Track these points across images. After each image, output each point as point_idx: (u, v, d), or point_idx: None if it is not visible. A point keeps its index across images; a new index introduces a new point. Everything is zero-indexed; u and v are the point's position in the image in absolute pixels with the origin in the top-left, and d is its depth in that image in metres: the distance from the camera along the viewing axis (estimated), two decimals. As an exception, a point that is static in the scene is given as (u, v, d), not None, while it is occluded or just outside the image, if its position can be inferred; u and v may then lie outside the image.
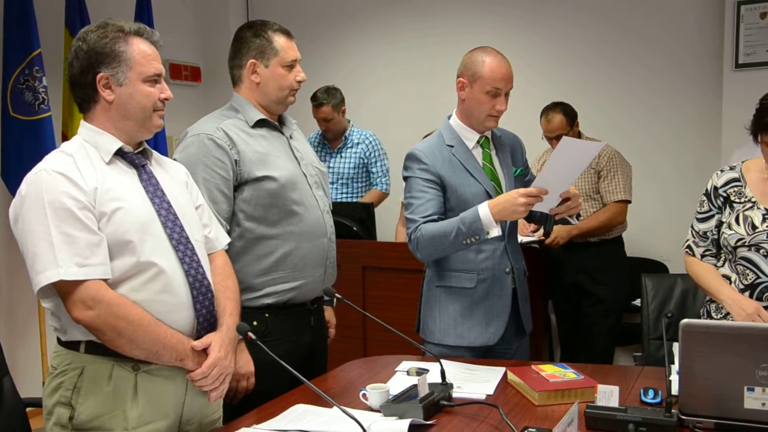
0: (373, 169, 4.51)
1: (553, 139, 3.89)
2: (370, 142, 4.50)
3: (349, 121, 4.53)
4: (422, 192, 2.42)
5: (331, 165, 4.46)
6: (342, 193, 4.46)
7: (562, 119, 3.88)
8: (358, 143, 4.49)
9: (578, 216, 2.54)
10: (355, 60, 5.29)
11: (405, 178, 2.49)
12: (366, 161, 4.49)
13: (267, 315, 2.30)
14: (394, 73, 5.18)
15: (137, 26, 1.85)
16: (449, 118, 2.56)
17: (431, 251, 2.40)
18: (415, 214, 2.41)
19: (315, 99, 4.37)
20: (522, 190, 2.27)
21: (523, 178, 2.60)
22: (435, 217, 2.40)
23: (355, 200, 4.46)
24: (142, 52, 1.82)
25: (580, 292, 4.00)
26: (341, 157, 4.49)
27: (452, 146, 2.47)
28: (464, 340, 2.47)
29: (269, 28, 2.37)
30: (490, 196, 2.42)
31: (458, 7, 4.99)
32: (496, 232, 2.31)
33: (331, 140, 4.51)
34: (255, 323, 2.22)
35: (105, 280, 1.72)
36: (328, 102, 4.36)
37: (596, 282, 3.93)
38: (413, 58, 5.12)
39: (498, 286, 2.46)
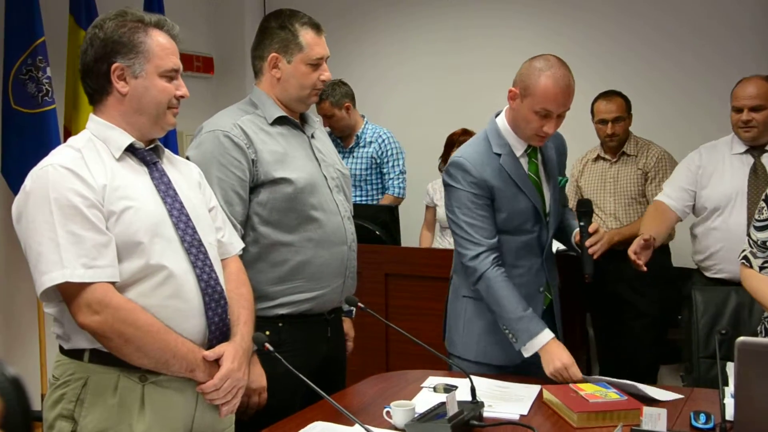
0: (385, 170, 4.44)
1: (611, 122, 3.86)
2: (384, 141, 4.41)
3: (363, 117, 4.47)
4: (479, 210, 2.40)
5: None
6: (354, 196, 4.40)
7: (622, 102, 3.89)
8: (371, 142, 4.42)
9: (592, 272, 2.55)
10: (378, 55, 5.28)
11: (448, 186, 2.47)
12: (379, 161, 4.42)
13: (281, 324, 2.30)
14: (419, 68, 5.16)
15: (157, 18, 1.88)
16: (496, 116, 2.51)
17: (486, 301, 2.41)
18: (480, 236, 2.39)
19: None
20: (573, 370, 2.25)
21: (563, 188, 2.60)
22: (496, 244, 2.40)
23: (368, 203, 4.43)
24: (160, 45, 1.85)
25: (621, 305, 3.95)
26: (353, 157, 4.42)
27: (500, 155, 2.44)
28: (486, 357, 2.48)
29: (297, 20, 2.35)
30: (537, 211, 2.44)
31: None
32: (525, 354, 2.34)
33: (343, 139, 4.45)
34: (267, 333, 2.22)
35: (113, 284, 1.73)
36: (326, 97, 4.24)
37: (638, 293, 3.88)
38: (440, 52, 5.09)
39: (528, 304, 2.44)
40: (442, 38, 5.08)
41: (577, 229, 2.53)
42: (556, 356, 2.28)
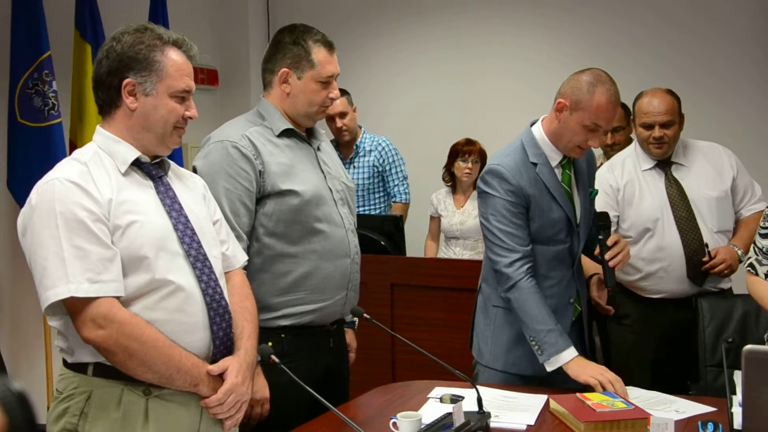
0: (389, 178, 4.42)
1: (611, 131, 3.85)
2: (383, 148, 4.40)
3: (360, 128, 4.47)
4: (514, 218, 2.39)
5: None
6: (358, 206, 4.36)
7: (622, 111, 3.87)
8: (370, 150, 4.40)
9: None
10: (381, 64, 5.28)
11: (483, 193, 2.46)
12: (381, 169, 4.41)
13: (283, 336, 2.29)
14: (422, 77, 5.16)
15: (176, 36, 1.88)
16: (532, 125, 2.50)
17: (516, 311, 2.39)
18: (515, 243, 2.38)
19: None
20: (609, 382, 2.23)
21: (593, 200, 2.60)
22: (530, 252, 2.39)
23: (372, 213, 4.41)
24: (175, 65, 1.84)
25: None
26: (354, 167, 4.40)
27: (536, 164, 2.43)
28: (514, 368, 2.47)
29: (310, 37, 2.35)
30: (569, 222, 2.44)
31: (491, 5, 4.96)
32: (548, 368, 2.31)
33: (342, 149, 4.42)
34: (270, 344, 2.21)
35: (117, 298, 1.72)
36: (342, 93, 4.15)
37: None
38: (442, 60, 5.09)
39: (557, 316, 2.41)
40: (444, 47, 5.08)
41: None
42: (586, 369, 2.27)
